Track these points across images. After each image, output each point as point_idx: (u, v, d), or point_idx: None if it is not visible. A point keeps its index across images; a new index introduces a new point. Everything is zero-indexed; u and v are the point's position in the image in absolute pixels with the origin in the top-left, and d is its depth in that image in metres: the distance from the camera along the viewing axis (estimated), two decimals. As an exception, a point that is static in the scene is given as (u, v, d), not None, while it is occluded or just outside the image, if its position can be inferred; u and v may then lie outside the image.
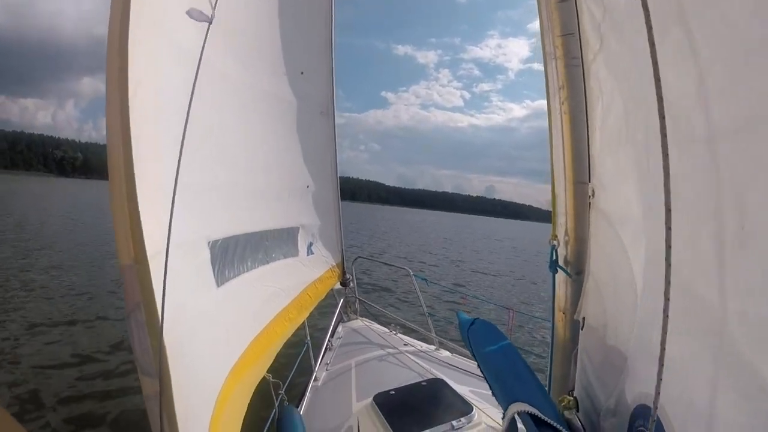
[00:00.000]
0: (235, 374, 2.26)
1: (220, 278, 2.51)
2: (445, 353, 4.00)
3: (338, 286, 4.58)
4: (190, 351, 1.81)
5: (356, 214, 76.21)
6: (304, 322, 3.70)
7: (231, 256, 2.72)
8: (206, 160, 2.47)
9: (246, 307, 2.79)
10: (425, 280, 5.13)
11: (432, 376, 3.26)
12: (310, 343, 3.93)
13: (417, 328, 4.37)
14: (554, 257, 1.79)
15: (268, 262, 3.30)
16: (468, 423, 2.53)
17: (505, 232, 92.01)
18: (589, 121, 1.68)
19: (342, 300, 4.73)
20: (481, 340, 1.89)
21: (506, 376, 1.65)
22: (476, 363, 1.90)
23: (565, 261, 1.81)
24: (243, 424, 2.25)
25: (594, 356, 1.61)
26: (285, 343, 3.13)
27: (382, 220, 71.00)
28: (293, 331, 3.31)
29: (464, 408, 2.65)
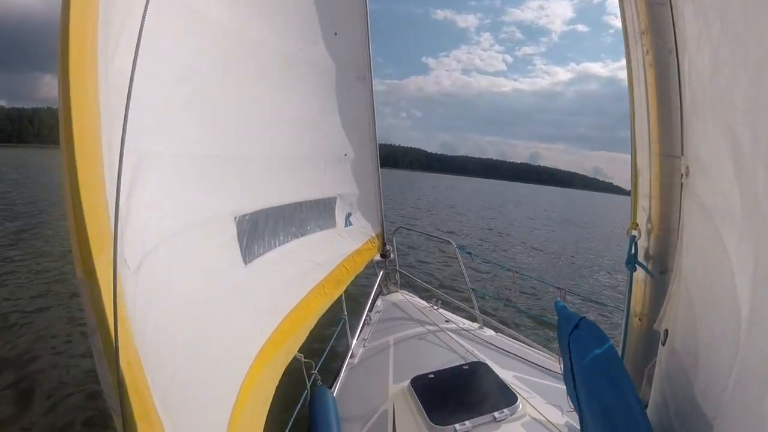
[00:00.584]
0: (262, 356, 2.15)
1: (248, 255, 2.39)
2: (489, 332, 3.80)
3: (378, 257, 4.43)
4: (209, 338, 1.69)
5: (398, 181, 75.40)
6: (341, 297, 3.58)
7: (262, 230, 2.59)
8: (228, 131, 2.32)
9: (277, 283, 2.67)
10: (469, 253, 4.90)
11: (474, 359, 3.09)
12: (347, 318, 3.82)
13: (460, 304, 4.18)
14: (633, 250, 1.47)
15: (302, 235, 3.17)
16: (511, 415, 2.34)
17: (551, 201, 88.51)
18: (681, 77, 1.31)
19: (382, 272, 4.58)
20: (584, 347, 1.53)
21: (603, 389, 1.34)
22: (562, 370, 1.63)
23: (647, 255, 1.48)
24: (271, 406, 2.16)
25: (677, 380, 1.27)
26: (320, 320, 3.02)
27: (424, 187, 69.43)
28: (329, 307, 3.20)
29: (508, 397, 2.48)
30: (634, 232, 1.49)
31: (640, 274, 1.50)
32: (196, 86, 1.97)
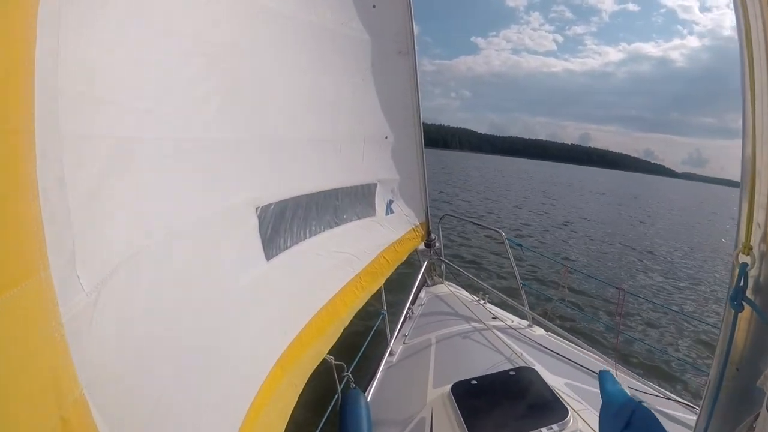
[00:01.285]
0: (284, 362, 1.99)
1: (272, 248, 2.21)
2: (539, 332, 3.51)
3: (422, 247, 4.19)
4: (213, 348, 1.52)
5: (447, 163, 73.97)
6: (380, 290, 3.38)
7: (289, 221, 2.40)
8: (250, 112, 2.12)
9: (306, 279, 2.49)
10: (520, 246, 4.58)
11: (522, 363, 2.83)
12: (386, 313, 3.61)
13: (508, 299, 3.90)
14: (742, 282, 1.06)
15: (338, 224, 2.98)
16: (561, 431, 2.11)
17: (605, 183, 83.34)
18: None
19: (426, 262, 4.33)
20: None
21: None
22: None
23: (757, 287, 1.07)
24: (298, 411, 2.01)
25: None
26: (357, 315, 2.84)
27: (473, 169, 67.28)
28: (366, 301, 3.01)
29: (558, 410, 2.23)
30: (745, 258, 1.08)
31: (747, 312, 1.10)
32: (209, 61, 1.77)
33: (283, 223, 2.33)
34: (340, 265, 2.85)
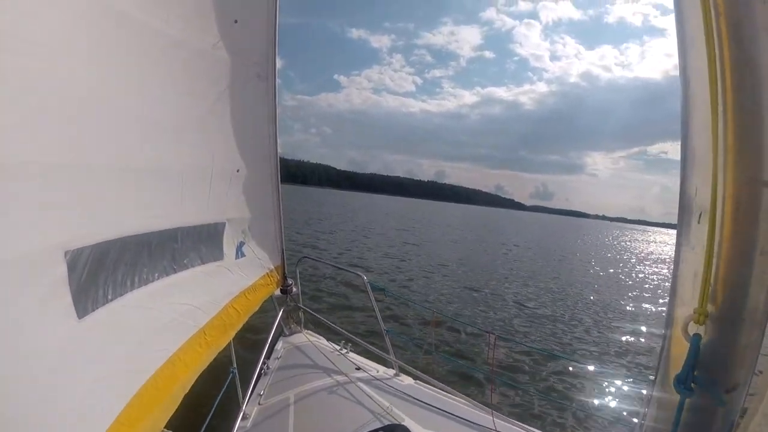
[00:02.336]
0: None
1: (88, 303, 1.74)
2: (407, 381, 3.38)
3: (278, 293, 3.86)
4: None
5: (306, 200, 73.20)
6: (230, 344, 2.99)
7: (112, 268, 1.94)
8: (63, 131, 1.68)
9: (135, 338, 2.02)
10: (383, 290, 4.50)
11: (391, 419, 2.66)
12: (236, 370, 3.22)
13: (372, 348, 3.74)
14: (693, 353, 0.91)
15: (176, 271, 2.53)
16: None
17: (465, 218, 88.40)
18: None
19: (282, 310, 4.00)
20: None
21: None
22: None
23: (703, 362, 0.93)
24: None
25: None
26: (202, 375, 2.43)
27: (333, 205, 67.42)
28: (213, 358, 2.61)
29: None
30: (698, 328, 0.93)
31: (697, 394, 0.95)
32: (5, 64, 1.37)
33: (104, 271, 1.88)
34: (179, 320, 2.40)
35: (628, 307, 14.83)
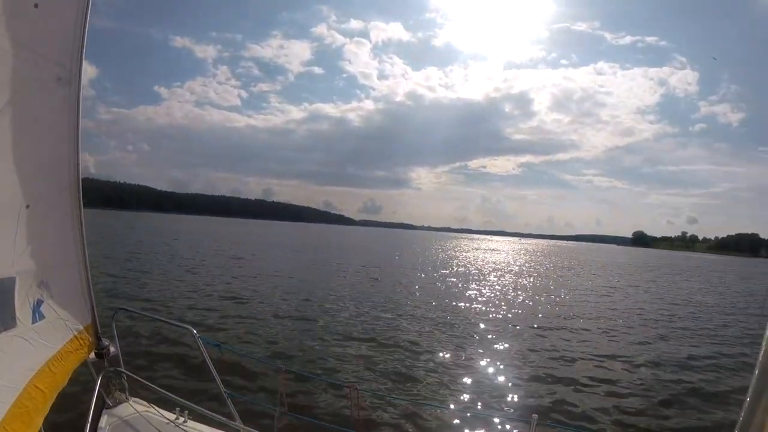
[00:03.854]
0: None
1: None
2: None
3: (92, 357, 3.10)
4: None
5: (122, 227, 63.98)
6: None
7: None
8: None
9: None
10: (218, 345, 3.99)
11: None
12: None
13: (213, 414, 3.25)
14: None
15: None
16: None
17: (300, 238, 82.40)
18: None
19: (100, 377, 3.20)
20: None
21: None
22: None
23: None
24: None
25: None
26: None
27: (152, 233, 57.43)
28: None
29: None
30: None
31: None
32: None
33: None
34: None
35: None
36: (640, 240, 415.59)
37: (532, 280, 34.51)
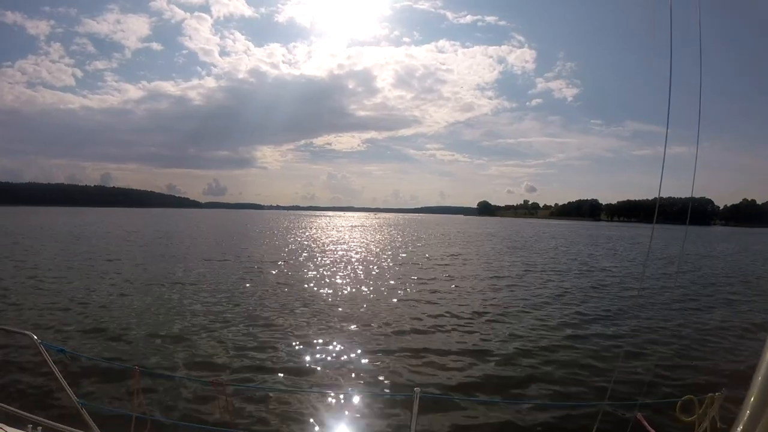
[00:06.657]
0: None
1: None
2: None
3: None
4: None
5: None
6: None
7: None
8: None
9: None
10: (63, 351, 3.52)
11: None
12: None
13: (69, 429, 3.01)
14: None
15: None
16: None
17: (135, 225, 74.58)
18: None
19: None
20: None
21: None
22: None
23: None
24: None
25: None
26: None
27: None
28: None
29: None
30: None
31: None
32: None
33: None
34: None
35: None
36: (486, 209, 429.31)
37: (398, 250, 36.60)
